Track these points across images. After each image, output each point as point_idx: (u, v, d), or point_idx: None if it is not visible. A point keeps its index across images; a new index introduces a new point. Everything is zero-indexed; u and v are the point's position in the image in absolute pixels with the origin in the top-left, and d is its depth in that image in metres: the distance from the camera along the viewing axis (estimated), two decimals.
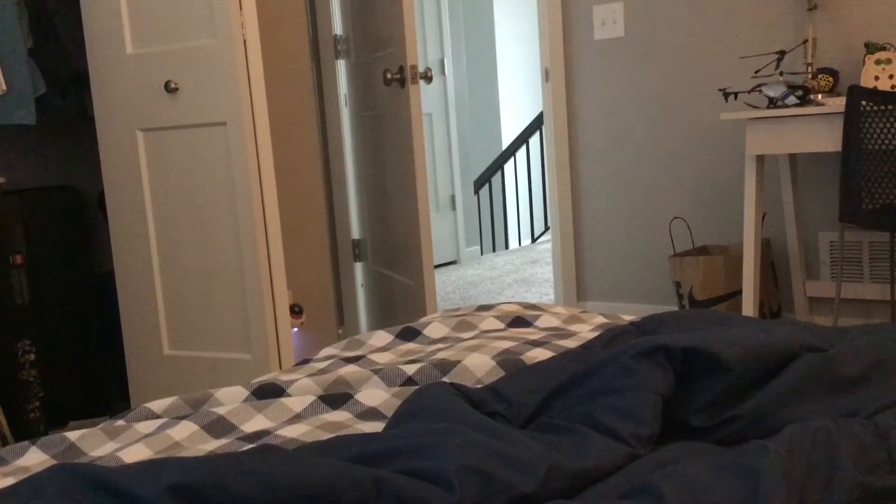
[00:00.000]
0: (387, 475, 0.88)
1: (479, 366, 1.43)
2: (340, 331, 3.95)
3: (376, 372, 1.43)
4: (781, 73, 3.29)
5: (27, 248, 2.93)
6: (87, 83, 2.93)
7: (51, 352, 3.00)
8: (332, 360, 1.59)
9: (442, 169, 6.02)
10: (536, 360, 1.42)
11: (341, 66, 3.85)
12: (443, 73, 5.94)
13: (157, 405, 1.36)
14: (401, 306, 3.42)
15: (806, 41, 3.37)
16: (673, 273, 3.64)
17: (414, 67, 3.07)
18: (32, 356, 2.91)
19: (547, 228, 6.82)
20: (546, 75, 4.10)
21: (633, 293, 4.04)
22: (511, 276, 5.62)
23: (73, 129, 3.23)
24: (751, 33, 3.60)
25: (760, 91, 3.25)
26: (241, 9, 2.62)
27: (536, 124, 6.83)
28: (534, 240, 7.09)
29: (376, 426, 1.23)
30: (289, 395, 1.37)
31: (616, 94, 3.98)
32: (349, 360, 1.57)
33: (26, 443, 1.22)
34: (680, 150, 3.84)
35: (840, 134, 2.95)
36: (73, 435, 1.24)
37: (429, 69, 3.20)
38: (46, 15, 2.96)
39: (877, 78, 3.03)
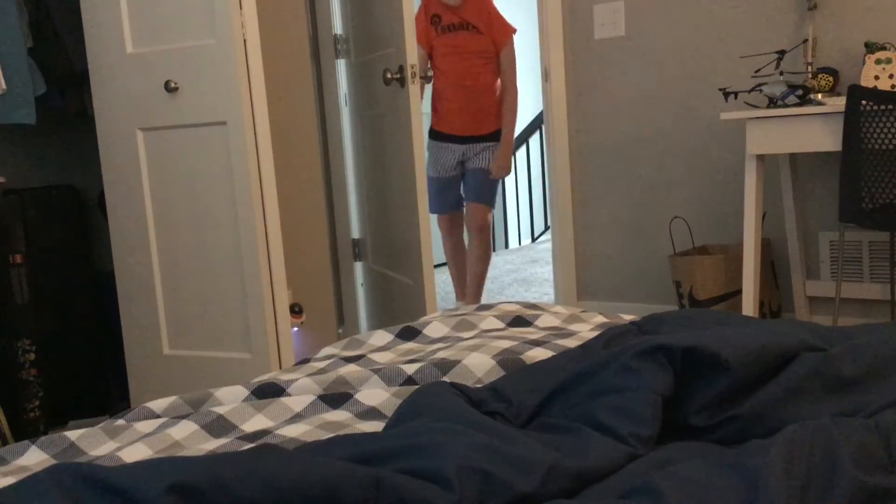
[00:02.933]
0: (387, 475, 0.88)
1: (479, 365, 1.43)
2: (340, 330, 3.95)
3: (376, 371, 1.43)
4: (781, 73, 3.29)
5: (27, 248, 2.93)
6: (87, 83, 2.93)
7: (51, 352, 3.00)
8: (332, 360, 1.59)
9: None
10: (536, 360, 1.42)
11: (341, 66, 3.85)
12: None
13: (157, 405, 1.36)
14: (401, 306, 3.42)
15: (806, 41, 3.37)
16: (673, 273, 3.64)
17: (414, 67, 3.07)
18: (32, 356, 2.91)
19: (547, 228, 6.82)
20: (546, 75, 4.10)
21: (633, 293, 4.04)
22: (511, 275, 5.63)
23: (73, 129, 3.22)
24: (751, 33, 3.60)
25: (760, 91, 3.25)
26: (241, 9, 2.62)
27: (536, 124, 6.83)
28: (534, 239, 7.09)
29: (376, 426, 1.23)
30: (289, 395, 1.37)
31: (616, 94, 3.98)
32: (349, 360, 1.58)
33: (26, 442, 1.22)
34: (680, 150, 3.84)
35: (840, 133, 2.95)
36: (73, 434, 1.24)
37: (429, 69, 3.20)
38: (46, 15, 2.96)
39: (877, 77, 3.03)
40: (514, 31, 3.86)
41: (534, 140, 6.98)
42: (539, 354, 1.47)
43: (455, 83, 3.80)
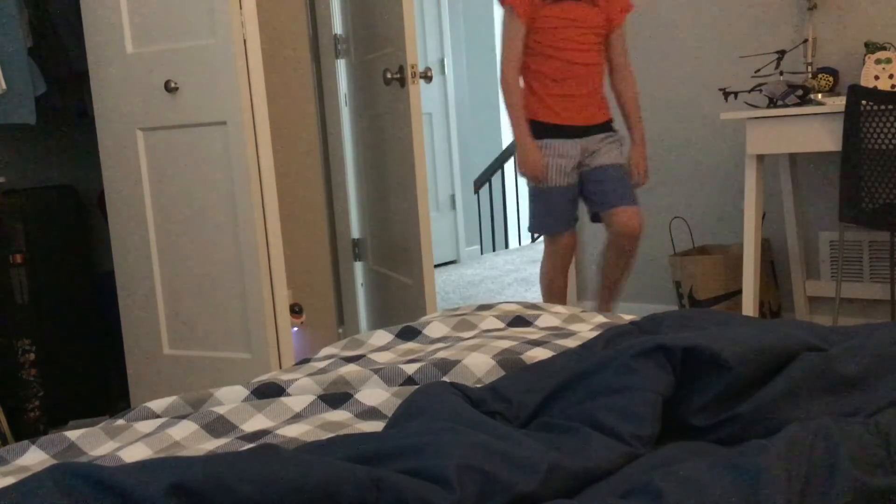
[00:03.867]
0: (387, 475, 0.88)
1: (479, 365, 1.42)
2: (340, 330, 3.95)
3: (376, 371, 1.43)
4: (781, 73, 3.29)
5: (27, 248, 2.94)
6: (87, 83, 2.93)
7: (51, 351, 3.00)
8: (332, 360, 1.59)
9: (442, 169, 6.02)
10: (536, 360, 1.42)
11: (341, 66, 3.85)
12: (443, 73, 5.94)
13: (157, 405, 1.36)
14: (401, 306, 3.42)
15: (806, 41, 3.37)
16: (673, 273, 3.64)
17: (414, 67, 3.07)
18: (32, 356, 2.91)
19: None
20: None
21: (633, 293, 4.04)
22: (511, 275, 5.63)
23: (73, 129, 3.23)
24: (751, 33, 3.60)
25: (760, 91, 3.25)
26: (241, 9, 2.62)
27: None
28: (534, 239, 7.09)
29: (376, 426, 1.23)
30: (289, 395, 1.37)
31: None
32: (349, 360, 1.57)
33: (26, 442, 1.22)
34: (680, 150, 3.84)
35: (840, 133, 2.95)
36: (73, 434, 1.24)
37: (429, 69, 3.20)
38: (46, 15, 2.96)
39: (877, 77, 3.04)
40: (633, 8, 3.24)
41: None
42: (539, 354, 1.46)
43: (569, 61, 3.07)
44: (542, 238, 3.39)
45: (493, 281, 5.46)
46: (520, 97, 3.09)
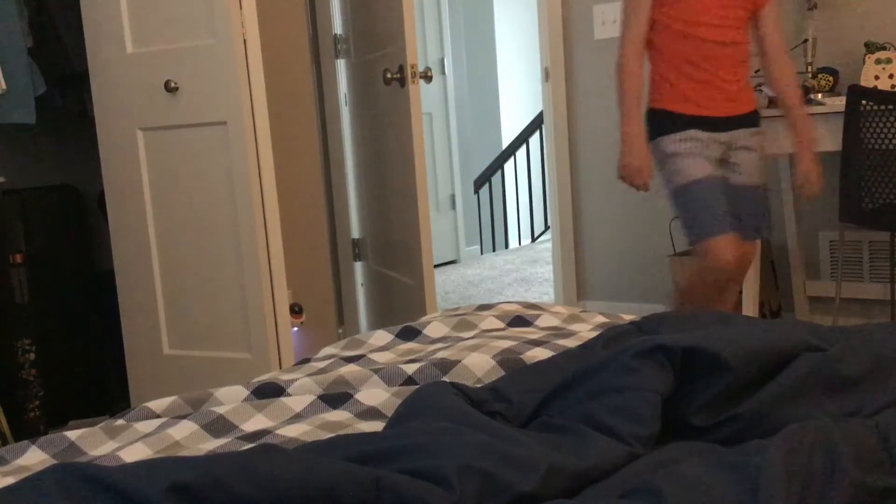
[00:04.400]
0: (387, 475, 0.88)
1: (479, 365, 1.43)
2: (340, 330, 3.95)
3: (376, 371, 1.43)
4: None
5: (27, 248, 2.93)
6: (87, 83, 2.93)
7: (51, 351, 3.00)
8: (332, 360, 1.59)
9: (442, 169, 6.02)
10: (536, 360, 1.42)
11: (341, 66, 3.85)
12: (443, 72, 5.94)
13: (157, 405, 1.36)
14: (401, 306, 3.42)
15: (806, 41, 3.36)
16: (673, 273, 3.64)
17: (414, 67, 3.07)
18: (32, 356, 2.91)
19: (547, 228, 6.82)
20: (546, 75, 4.10)
21: (633, 293, 4.04)
22: (511, 275, 5.62)
23: (73, 129, 3.22)
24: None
25: (760, 91, 3.24)
26: (241, 8, 2.62)
27: (536, 124, 6.83)
28: (534, 239, 7.09)
29: (376, 426, 1.23)
30: (289, 395, 1.38)
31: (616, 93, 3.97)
32: (349, 360, 1.58)
33: (26, 442, 1.22)
34: None
35: (840, 134, 2.95)
36: (73, 434, 1.24)
37: (429, 69, 3.20)
38: (46, 14, 2.96)
39: (877, 77, 3.03)
40: None
41: (534, 140, 6.99)
42: (539, 354, 1.47)
43: (703, 39, 2.53)
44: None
45: (493, 281, 5.46)
46: (638, 84, 2.62)
